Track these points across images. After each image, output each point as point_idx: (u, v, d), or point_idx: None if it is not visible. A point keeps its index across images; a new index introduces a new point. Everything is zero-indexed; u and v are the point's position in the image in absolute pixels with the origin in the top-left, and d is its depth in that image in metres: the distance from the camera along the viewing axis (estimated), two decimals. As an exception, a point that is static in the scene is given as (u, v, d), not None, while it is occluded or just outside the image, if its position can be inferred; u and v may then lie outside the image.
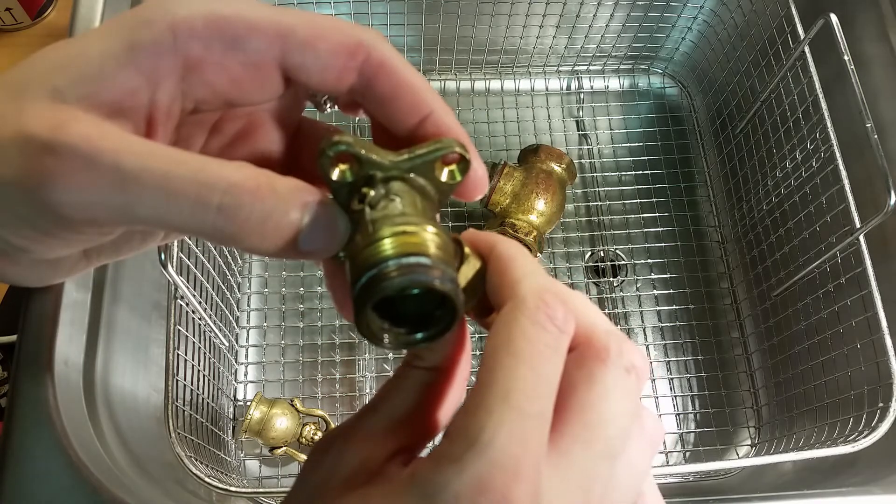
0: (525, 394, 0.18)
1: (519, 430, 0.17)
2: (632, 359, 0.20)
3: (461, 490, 0.17)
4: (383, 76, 0.22)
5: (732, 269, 0.68)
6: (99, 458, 0.38)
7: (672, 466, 0.58)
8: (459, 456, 0.17)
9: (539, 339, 0.19)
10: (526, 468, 0.17)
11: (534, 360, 0.19)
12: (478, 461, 0.17)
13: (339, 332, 0.63)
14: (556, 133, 0.73)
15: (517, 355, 0.18)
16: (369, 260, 0.19)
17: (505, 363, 0.18)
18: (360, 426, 0.21)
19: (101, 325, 0.42)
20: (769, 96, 0.61)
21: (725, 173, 0.70)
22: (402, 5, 0.66)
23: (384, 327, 0.20)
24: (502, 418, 0.17)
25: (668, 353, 0.65)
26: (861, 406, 0.49)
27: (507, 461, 0.17)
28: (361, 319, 0.19)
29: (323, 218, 0.21)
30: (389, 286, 0.18)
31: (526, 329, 0.19)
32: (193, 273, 0.48)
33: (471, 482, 0.17)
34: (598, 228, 0.69)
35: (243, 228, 0.20)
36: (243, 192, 0.19)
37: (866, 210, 0.49)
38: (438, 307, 0.20)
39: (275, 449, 0.57)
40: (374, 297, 0.18)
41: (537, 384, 0.18)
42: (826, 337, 0.54)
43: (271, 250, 0.20)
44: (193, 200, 0.19)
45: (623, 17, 0.69)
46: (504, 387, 0.18)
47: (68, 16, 0.47)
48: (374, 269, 0.19)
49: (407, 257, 0.19)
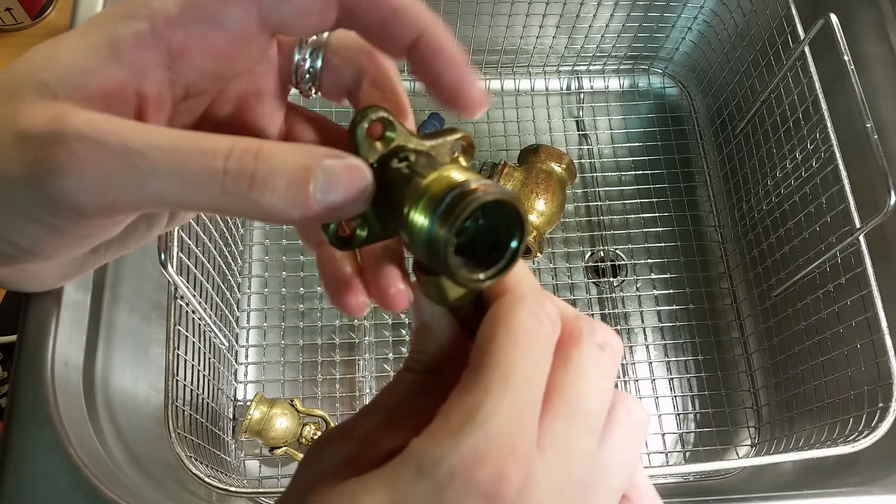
0: (523, 378, 0.19)
1: (515, 410, 0.18)
2: (604, 336, 0.21)
3: (456, 463, 0.17)
4: (363, 4, 0.22)
5: (732, 269, 0.68)
6: (99, 458, 0.38)
7: (672, 466, 0.58)
8: (456, 431, 0.18)
9: (536, 332, 0.20)
10: (520, 445, 0.18)
11: (531, 350, 0.19)
12: (474, 435, 0.17)
13: (339, 332, 0.63)
14: (556, 133, 0.73)
15: (517, 343, 0.19)
16: (444, 184, 0.19)
17: (506, 349, 0.19)
18: (358, 424, 0.21)
19: (101, 325, 0.42)
20: (769, 96, 0.61)
21: (725, 173, 0.70)
22: (402, 5, 0.66)
23: (459, 263, 0.20)
24: (501, 397, 0.18)
25: (668, 353, 0.65)
26: (861, 406, 0.49)
27: (504, 438, 0.18)
28: (441, 247, 0.19)
29: (341, 166, 0.20)
30: (475, 199, 0.18)
31: (526, 321, 0.20)
32: (193, 273, 0.48)
33: (467, 455, 0.17)
34: (598, 228, 0.69)
35: (252, 189, 0.19)
36: (246, 153, 0.19)
37: (866, 210, 0.49)
38: (493, 250, 0.20)
39: (275, 449, 0.57)
40: (461, 216, 0.18)
41: (533, 371, 0.19)
42: (826, 337, 0.54)
43: (285, 210, 0.19)
44: (199, 168, 0.19)
45: (623, 17, 0.69)
46: (504, 370, 0.19)
47: (68, 16, 0.47)
48: (457, 188, 0.19)
49: (480, 181, 0.19)
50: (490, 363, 0.19)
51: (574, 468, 0.19)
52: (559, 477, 0.19)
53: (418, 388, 0.22)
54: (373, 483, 0.18)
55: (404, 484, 0.18)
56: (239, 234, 0.64)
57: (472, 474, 0.17)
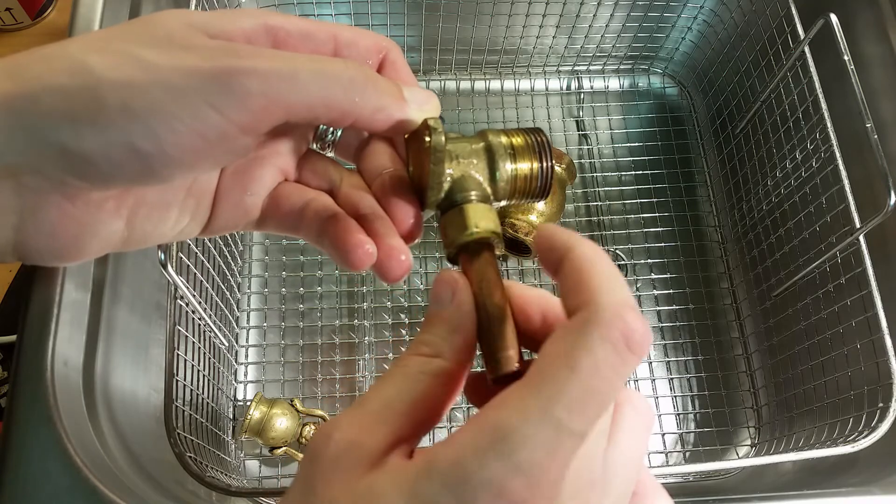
0: (569, 410, 0.17)
1: (551, 444, 0.17)
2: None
3: (480, 485, 0.17)
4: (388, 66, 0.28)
5: (732, 269, 0.68)
6: (99, 458, 0.38)
7: (672, 466, 0.58)
8: (485, 449, 0.17)
9: (604, 359, 0.18)
10: (547, 481, 0.17)
11: (591, 379, 0.18)
12: (502, 461, 0.17)
13: (338, 332, 0.63)
14: (556, 133, 0.73)
15: (574, 368, 0.18)
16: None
17: (558, 373, 0.18)
18: (359, 416, 0.20)
19: (101, 325, 0.42)
20: (769, 96, 0.61)
21: (725, 173, 0.70)
22: (402, 5, 0.66)
23: None
24: (538, 428, 0.17)
25: (668, 353, 0.65)
26: (861, 406, 0.49)
27: (532, 469, 0.17)
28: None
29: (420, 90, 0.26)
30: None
31: (593, 344, 0.18)
32: (193, 273, 0.48)
33: (493, 478, 0.17)
34: (598, 228, 0.69)
35: (367, 85, 0.24)
36: (357, 69, 0.25)
37: (866, 210, 0.48)
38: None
39: (275, 449, 0.57)
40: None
41: (586, 403, 0.18)
42: (826, 337, 0.54)
43: (388, 100, 0.25)
44: (333, 75, 0.24)
45: (623, 17, 0.69)
46: (548, 396, 0.17)
47: (68, 16, 0.47)
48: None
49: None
50: (537, 385, 0.18)
51: (591, 475, 0.19)
52: (578, 486, 0.19)
53: (420, 375, 0.21)
54: (393, 486, 0.18)
55: (426, 496, 0.18)
56: (238, 234, 0.64)
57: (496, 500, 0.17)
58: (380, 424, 0.20)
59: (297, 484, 0.20)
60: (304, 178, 0.29)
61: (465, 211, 0.24)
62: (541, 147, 0.26)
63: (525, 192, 0.26)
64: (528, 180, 0.26)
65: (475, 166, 0.26)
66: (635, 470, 0.21)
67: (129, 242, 0.27)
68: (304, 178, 0.29)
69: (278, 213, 0.28)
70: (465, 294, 0.22)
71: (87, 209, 0.25)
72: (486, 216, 0.25)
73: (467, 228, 0.24)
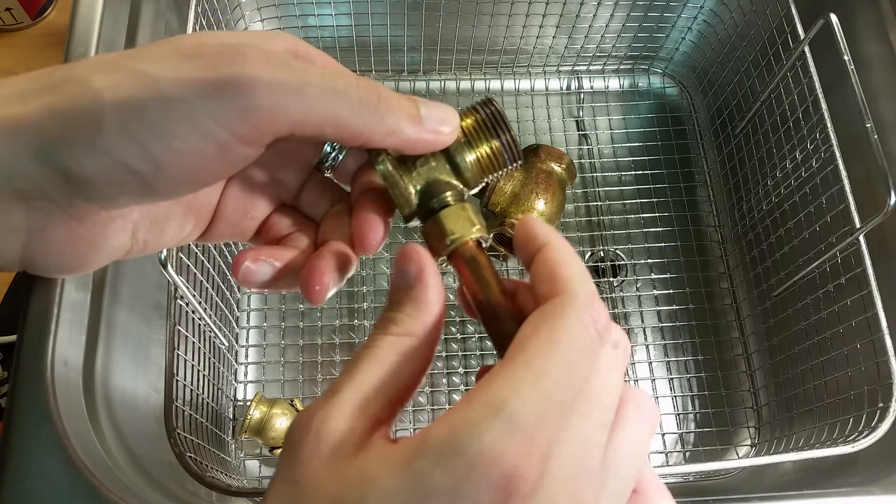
0: (555, 381, 0.19)
1: (540, 412, 0.18)
2: (617, 335, 0.22)
3: (475, 456, 0.18)
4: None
5: (732, 269, 0.68)
6: (99, 458, 0.38)
7: (672, 466, 0.58)
8: (479, 422, 0.18)
9: (580, 336, 0.20)
10: (539, 446, 0.18)
11: (570, 353, 0.20)
12: (496, 429, 0.18)
13: (339, 332, 0.63)
14: (556, 133, 0.73)
15: (556, 343, 0.19)
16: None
17: (543, 348, 0.19)
18: (336, 403, 0.20)
19: (101, 325, 0.42)
20: (769, 96, 0.61)
21: (725, 173, 0.70)
22: (402, 5, 0.66)
23: None
24: (528, 397, 0.18)
25: (668, 353, 0.65)
26: (861, 406, 0.49)
27: (524, 436, 0.18)
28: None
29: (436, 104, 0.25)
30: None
31: (571, 323, 0.20)
32: (193, 273, 0.48)
33: (486, 450, 0.18)
34: (598, 228, 0.69)
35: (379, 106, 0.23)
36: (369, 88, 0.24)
37: (866, 210, 0.48)
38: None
39: (275, 449, 0.57)
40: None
41: (569, 375, 0.19)
42: (826, 337, 0.54)
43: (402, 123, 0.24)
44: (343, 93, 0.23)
45: (623, 17, 0.69)
46: (536, 369, 0.19)
47: (68, 16, 0.47)
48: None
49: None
50: (524, 360, 0.19)
51: (586, 461, 0.19)
52: (572, 469, 0.19)
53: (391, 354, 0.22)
54: (385, 467, 0.18)
55: (421, 471, 0.18)
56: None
57: (490, 470, 0.17)
58: (358, 409, 0.20)
59: (280, 480, 0.20)
60: (300, 203, 0.29)
61: (439, 220, 0.24)
62: (494, 121, 0.25)
63: (495, 168, 0.26)
64: (492, 159, 0.26)
65: (437, 169, 0.25)
66: (636, 467, 0.21)
67: (130, 253, 0.28)
68: (301, 203, 0.29)
69: (265, 238, 0.29)
70: (432, 271, 0.23)
71: (95, 228, 0.25)
72: (460, 218, 0.24)
73: (445, 238, 0.24)
